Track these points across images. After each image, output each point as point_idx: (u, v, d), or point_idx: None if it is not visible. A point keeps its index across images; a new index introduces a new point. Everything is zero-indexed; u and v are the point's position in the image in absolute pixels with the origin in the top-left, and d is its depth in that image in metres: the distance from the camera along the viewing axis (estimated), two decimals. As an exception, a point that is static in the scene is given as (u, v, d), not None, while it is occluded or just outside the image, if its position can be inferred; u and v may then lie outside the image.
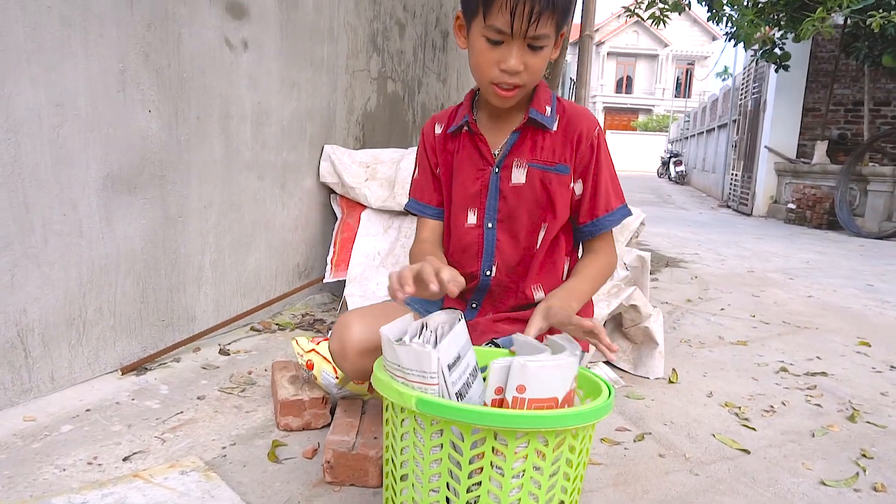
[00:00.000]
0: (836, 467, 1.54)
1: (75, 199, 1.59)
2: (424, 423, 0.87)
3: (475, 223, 1.30)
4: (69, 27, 1.54)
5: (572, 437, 0.88)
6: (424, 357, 0.87)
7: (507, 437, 0.84)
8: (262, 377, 1.87)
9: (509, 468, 0.85)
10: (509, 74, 1.13)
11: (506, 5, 1.06)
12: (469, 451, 0.85)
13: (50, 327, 1.57)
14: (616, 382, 2.02)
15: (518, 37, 1.09)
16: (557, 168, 1.26)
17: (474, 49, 1.16)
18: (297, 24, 2.47)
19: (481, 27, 1.11)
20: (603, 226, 1.29)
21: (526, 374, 0.87)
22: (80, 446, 1.38)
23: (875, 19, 4.91)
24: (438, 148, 1.35)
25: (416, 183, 1.41)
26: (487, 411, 0.82)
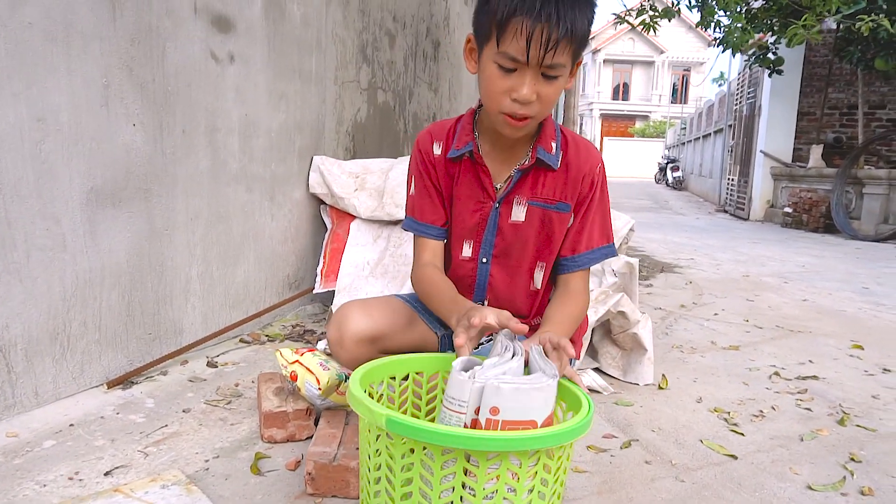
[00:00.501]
0: (824, 472, 1.53)
1: (58, 214, 1.60)
2: (396, 442, 0.87)
3: (470, 256, 1.28)
4: (51, 43, 1.55)
5: (547, 457, 0.87)
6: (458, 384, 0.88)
7: (479, 459, 0.83)
8: (249, 389, 1.87)
9: (480, 489, 0.84)
10: (521, 104, 1.08)
11: (521, 32, 1.01)
12: (440, 471, 0.84)
13: (33, 342, 1.57)
14: (605, 389, 2.01)
15: (533, 65, 1.04)
16: (558, 206, 1.24)
17: (485, 75, 1.10)
18: (285, 36, 2.49)
19: (494, 53, 1.06)
20: (581, 262, 1.27)
21: (500, 396, 0.86)
22: (62, 461, 1.38)
23: (864, 23, 4.94)
24: (440, 169, 1.29)
25: (413, 201, 1.33)
26: (456, 433, 0.81)
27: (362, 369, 1.00)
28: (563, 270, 1.28)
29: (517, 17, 1.01)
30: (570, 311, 1.24)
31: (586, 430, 0.88)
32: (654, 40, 33.43)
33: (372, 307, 1.29)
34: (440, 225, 1.31)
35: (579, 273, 1.28)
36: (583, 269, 1.28)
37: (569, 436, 0.84)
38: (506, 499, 0.85)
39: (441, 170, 1.29)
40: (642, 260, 5.08)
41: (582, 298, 1.27)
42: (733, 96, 11.88)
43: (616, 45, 35.05)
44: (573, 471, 1.47)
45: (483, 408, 0.87)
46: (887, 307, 3.63)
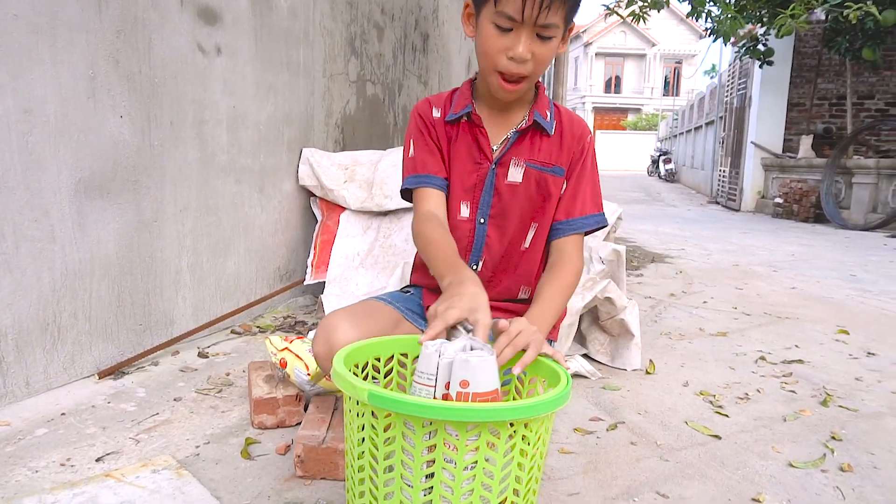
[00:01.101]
0: (805, 450, 1.56)
1: (46, 205, 1.61)
2: (379, 417, 0.88)
3: (467, 217, 1.30)
4: (37, 34, 1.55)
5: (525, 429, 0.88)
6: (426, 358, 0.91)
7: (459, 430, 0.85)
8: (240, 378, 1.88)
9: (461, 460, 0.85)
10: (517, 63, 1.13)
11: None
12: (421, 444, 0.86)
13: (24, 333, 1.58)
14: (593, 375, 2.04)
15: (528, 24, 1.09)
16: (553, 170, 1.28)
17: (482, 35, 1.15)
18: (272, 28, 2.49)
19: (491, 13, 1.11)
20: (576, 226, 1.29)
21: (468, 369, 0.89)
22: (54, 449, 1.39)
23: (852, 11, 4.97)
24: (439, 130, 1.30)
25: (412, 161, 1.32)
26: (438, 405, 0.83)
27: (346, 349, 1.01)
28: (559, 234, 1.30)
29: None
30: (564, 282, 1.24)
31: (565, 402, 0.89)
32: (645, 33, 33.48)
33: (358, 316, 1.25)
34: (443, 176, 1.31)
35: (573, 237, 1.30)
36: (577, 234, 1.30)
37: (547, 406, 0.86)
38: (485, 469, 0.87)
39: (440, 131, 1.31)
40: (634, 251, 5.11)
41: (575, 264, 1.28)
42: (724, 88, 11.93)
43: (608, 39, 35.05)
44: (559, 452, 1.49)
45: (453, 382, 0.89)
46: (873, 293, 3.67)
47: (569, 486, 1.34)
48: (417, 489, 0.88)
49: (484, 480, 0.88)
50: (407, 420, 0.86)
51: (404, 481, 0.89)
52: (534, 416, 0.85)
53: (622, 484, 1.36)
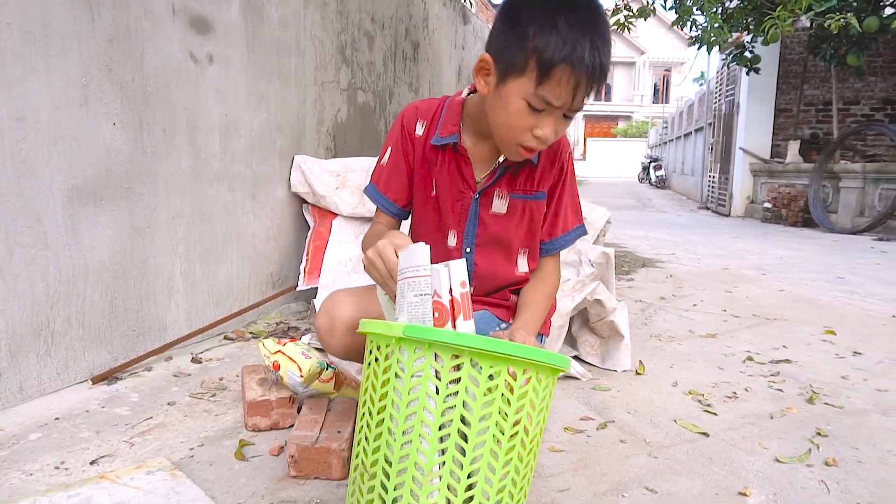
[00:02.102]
0: (791, 445, 1.59)
1: (39, 212, 1.62)
2: (408, 352, 0.92)
3: (455, 246, 1.32)
4: (29, 43, 1.57)
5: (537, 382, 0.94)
6: (416, 253, 0.97)
7: (483, 364, 0.89)
8: (233, 383, 1.89)
9: (480, 395, 0.90)
10: (540, 141, 1.09)
11: (567, 81, 1.00)
12: (447, 376, 0.90)
13: (17, 339, 1.59)
14: (583, 376, 2.06)
15: (563, 108, 1.06)
16: (536, 195, 1.29)
17: (509, 109, 1.08)
18: (264, 37, 2.52)
19: (528, 92, 1.04)
20: (558, 245, 1.34)
21: (462, 269, 0.98)
22: (48, 452, 1.40)
23: (834, 21, 5.05)
24: (418, 150, 1.30)
25: (381, 170, 1.33)
26: (474, 337, 0.88)
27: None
28: (541, 254, 1.35)
29: (565, 66, 0.99)
30: (545, 292, 1.32)
31: (567, 366, 0.98)
32: (634, 41, 33.77)
33: (360, 294, 1.31)
34: (401, 205, 1.33)
35: (554, 256, 1.36)
36: (557, 252, 1.36)
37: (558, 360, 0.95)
38: (501, 409, 0.91)
39: (419, 151, 1.30)
40: (624, 256, 5.15)
41: (554, 278, 1.35)
42: (713, 95, 12.05)
43: (597, 47, 35.28)
44: (550, 450, 1.51)
45: (455, 285, 0.97)
46: (860, 295, 3.72)
47: (559, 483, 1.36)
48: (437, 421, 0.91)
49: (499, 421, 0.92)
50: (436, 354, 0.90)
51: (426, 413, 0.91)
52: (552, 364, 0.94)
53: (611, 480, 1.38)
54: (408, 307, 0.98)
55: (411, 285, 0.97)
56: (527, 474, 0.99)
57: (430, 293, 0.97)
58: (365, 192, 1.38)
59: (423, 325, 0.96)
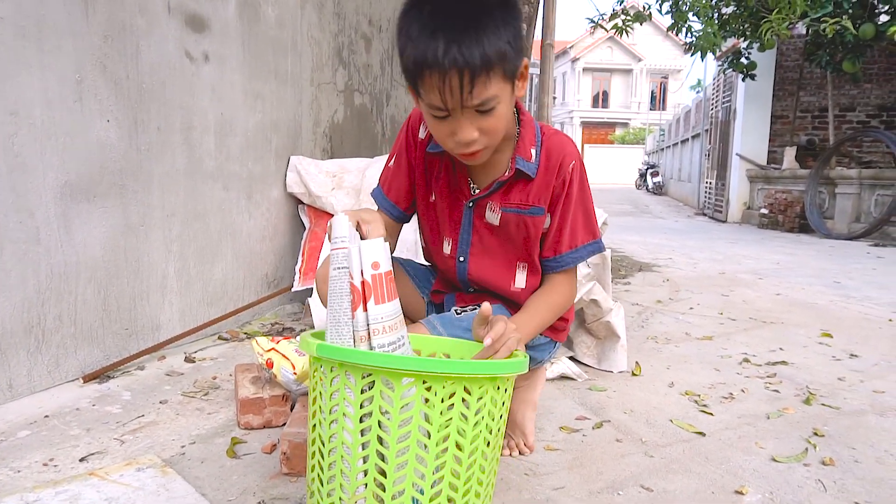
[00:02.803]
0: (788, 445, 1.58)
1: (32, 207, 1.61)
2: (325, 369, 0.91)
3: (449, 254, 1.31)
4: (23, 38, 1.56)
5: (466, 393, 0.89)
6: (338, 223, 0.94)
7: (394, 382, 0.86)
8: (226, 382, 1.88)
9: (396, 413, 0.87)
10: (465, 145, 1.06)
11: (433, 84, 0.98)
12: (360, 396, 0.88)
13: (7, 335, 1.57)
14: (579, 376, 2.05)
15: (461, 108, 1.01)
16: (532, 210, 1.23)
17: (427, 121, 1.09)
18: (260, 37, 2.52)
19: (422, 104, 1.04)
20: (565, 262, 1.26)
21: (376, 249, 0.93)
22: (37, 450, 1.38)
23: (829, 25, 5.07)
24: (419, 154, 1.29)
25: (387, 172, 1.33)
26: (378, 356, 0.85)
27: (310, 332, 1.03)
28: (547, 271, 1.29)
29: (426, 70, 0.97)
30: (550, 300, 1.25)
31: (507, 371, 0.92)
32: (631, 48, 33.93)
33: None
34: (402, 208, 1.32)
35: (563, 272, 1.28)
36: (567, 269, 1.28)
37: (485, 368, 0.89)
38: (421, 427, 0.87)
39: (420, 155, 1.30)
40: (621, 260, 5.15)
41: (563, 290, 1.27)
42: (709, 101, 12.09)
43: (594, 54, 35.46)
44: (545, 448, 1.50)
45: (365, 266, 0.92)
46: (857, 299, 3.71)
47: (554, 481, 1.34)
48: (356, 442, 0.89)
49: (419, 438, 0.88)
50: (348, 372, 0.88)
51: (345, 434, 0.90)
52: (474, 375, 0.88)
53: (607, 478, 1.37)
54: (331, 281, 0.94)
55: (334, 257, 0.94)
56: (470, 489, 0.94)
57: (347, 267, 0.93)
58: (371, 194, 1.37)
59: (342, 299, 0.93)
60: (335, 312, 0.94)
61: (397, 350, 0.96)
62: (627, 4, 5.18)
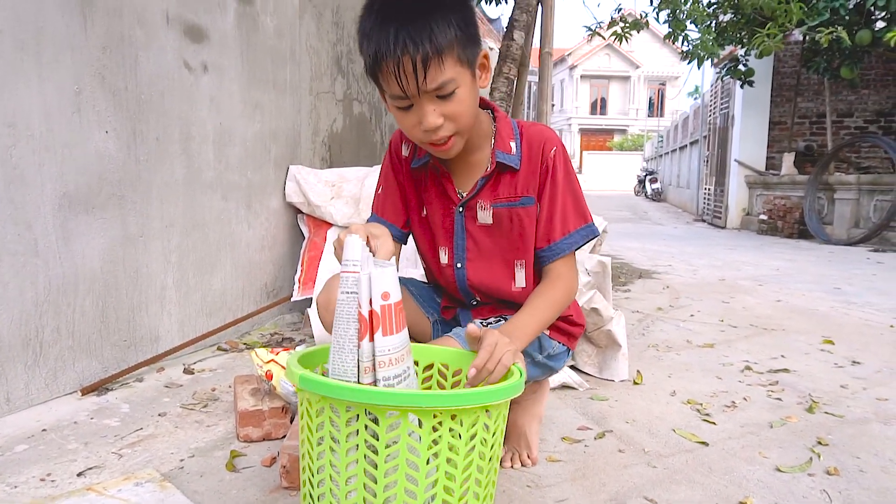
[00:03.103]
0: (792, 455, 1.57)
1: (30, 219, 1.60)
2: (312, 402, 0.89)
3: (447, 262, 1.30)
4: (22, 50, 1.56)
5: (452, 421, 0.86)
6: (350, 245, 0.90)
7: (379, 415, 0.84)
8: (225, 394, 1.87)
9: (382, 448, 0.85)
10: (433, 132, 1.08)
11: (388, 73, 1.01)
12: (345, 428, 0.86)
13: (4, 348, 1.56)
14: (581, 385, 2.04)
15: (421, 94, 1.03)
16: (522, 201, 1.23)
17: (395, 117, 1.12)
18: (258, 47, 2.52)
19: (388, 97, 1.08)
20: (560, 250, 1.24)
21: (386, 279, 0.89)
22: (34, 464, 1.37)
23: (824, 35, 5.09)
24: (405, 171, 1.31)
25: (378, 198, 1.35)
26: (362, 390, 0.83)
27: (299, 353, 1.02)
28: (545, 262, 1.26)
29: (382, 61, 1.01)
30: (550, 296, 1.22)
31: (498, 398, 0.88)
32: (629, 56, 34.06)
33: None
34: (399, 226, 1.33)
35: (560, 260, 1.25)
36: (564, 256, 1.25)
37: (474, 398, 0.85)
38: (408, 460, 0.85)
39: (407, 172, 1.32)
40: (621, 267, 5.14)
41: (564, 282, 1.24)
42: (707, 108, 12.12)
43: (592, 61, 35.60)
44: (547, 460, 1.49)
45: (375, 295, 0.89)
46: (857, 305, 3.71)
47: (557, 493, 1.33)
48: (343, 476, 0.87)
49: (408, 472, 0.86)
50: (332, 405, 0.86)
51: (333, 468, 0.88)
52: (460, 407, 0.84)
53: (610, 490, 1.35)
54: (338, 304, 0.91)
55: (344, 281, 0.91)
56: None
57: (356, 293, 0.90)
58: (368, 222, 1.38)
59: (348, 325, 0.90)
60: (340, 338, 0.91)
61: (402, 382, 0.93)
62: (625, 12, 5.20)
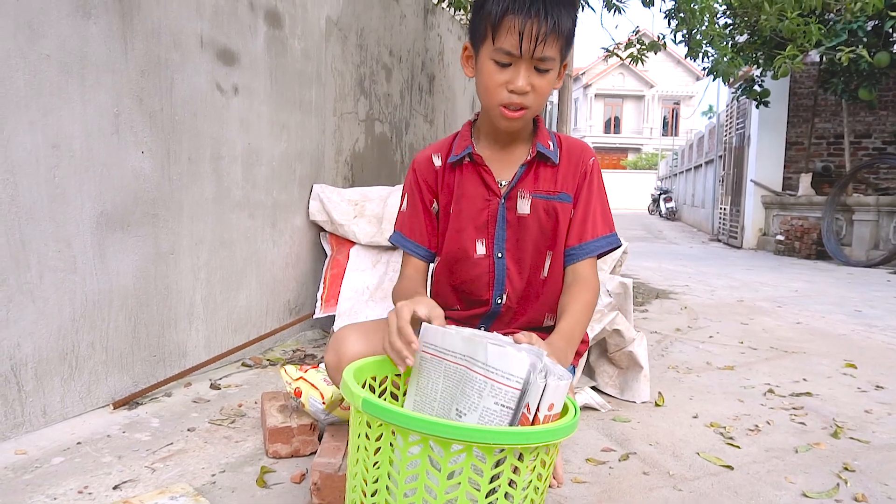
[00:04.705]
0: (818, 480, 1.56)
1: (70, 237, 1.65)
2: (372, 425, 0.90)
3: (485, 253, 1.32)
4: (67, 74, 1.62)
5: (518, 460, 0.87)
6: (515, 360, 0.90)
7: (444, 448, 0.84)
8: (252, 409, 1.89)
9: (443, 480, 0.85)
10: (518, 95, 1.17)
11: (514, 27, 1.12)
12: (406, 458, 0.86)
13: (43, 362, 1.61)
14: (602, 407, 2.04)
15: (526, 58, 1.14)
16: (560, 196, 1.30)
17: (483, 73, 1.20)
18: (286, 69, 2.58)
19: (490, 50, 1.16)
20: (588, 250, 1.30)
21: (558, 392, 0.89)
22: (71, 477, 1.40)
23: (844, 54, 5.11)
24: (438, 181, 1.35)
25: (403, 217, 1.39)
26: (426, 419, 0.83)
27: (359, 363, 1.04)
28: (573, 260, 1.31)
29: (510, 16, 1.12)
30: (585, 300, 1.27)
31: (564, 435, 0.88)
32: (643, 75, 34.12)
33: (368, 330, 1.29)
34: (427, 246, 1.37)
35: (588, 261, 1.31)
36: (591, 257, 1.31)
37: (544, 436, 0.85)
38: (467, 493, 0.85)
39: (440, 180, 1.35)
40: (638, 287, 5.13)
41: (593, 284, 1.30)
42: (723, 128, 12.11)
43: (607, 80, 35.72)
44: (573, 481, 1.50)
45: (543, 405, 0.89)
46: (879, 328, 3.68)
47: (584, 515, 1.34)
48: (400, 491, 0.88)
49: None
50: (395, 431, 0.86)
51: (389, 494, 0.89)
52: (527, 445, 0.84)
53: (637, 513, 1.36)
54: (483, 412, 0.91)
55: (494, 390, 0.91)
56: None
57: (513, 407, 0.90)
58: (390, 240, 1.41)
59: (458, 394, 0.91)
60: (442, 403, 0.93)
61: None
62: (641, 33, 5.25)
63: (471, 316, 1.36)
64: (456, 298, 1.38)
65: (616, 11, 4.45)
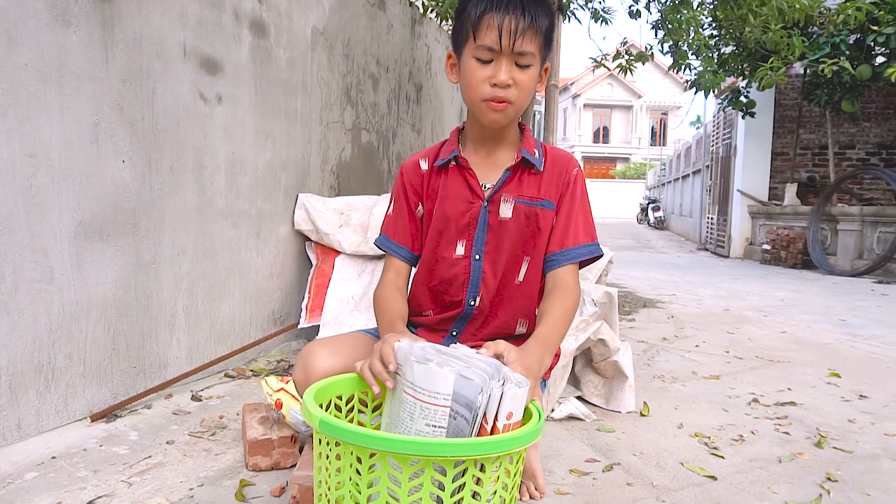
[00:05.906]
0: (801, 490, 1.56)
1: (46, 247, 1.63)
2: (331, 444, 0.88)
3: (463, 254, 1.33)
4: (45, 83, 1.60)
5: (479, 471, 0.86)
6: (440, 378, 0.88)
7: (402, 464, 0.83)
8: (233, 421, 1.87)
9: (404, 496, 0.84)
10: (501, 88, 1.20)
11: (493, 23, 1.17)
12: (367, 474, 0.85)
13: (17, 374, 1.58)
14: (588, 417, 2.04)
15: (506, 52, 1.18)
16: (542, 203, 1.31)
17: (466, 71, 1.23)
18: (271, 78, 2.57)
19: (472, 49, 1.20)
20: (570, 256, 1.31)
21: (515, 401, 0.88)
22: (44, 492, 1.37)
23: (827, 66, 5.17)
24: (423, 185, 1.37)
25: (389, 220, 1.41)
26: (382, 436, 0.82)
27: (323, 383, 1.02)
28: (554, 265, 1.31)
29: (489, 14, 1.18)
30: (565, 307, 1.27)
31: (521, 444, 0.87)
32: (631, 85, 34.43)
33: (336, 345, 1.29)
34: (408, 247, 1.38)
35: (569, 267, 1.31)
36: (572, 264, 1.32)
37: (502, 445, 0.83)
38: None
39: (426, 183, 1.36)
40: (625, 296, 5.14)
41: (574, 291, 1.30)
42: (710, 138, 12.22)
43: (595, 90, 35.99)
44: (556, 492, 1.49)
45: (501, 414, 0.88)
46: (863, 338, 3.70)
47: (566, 528, 1.33)
48: None
49: None
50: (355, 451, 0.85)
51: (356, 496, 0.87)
52: (487, 455, 0.83)
53: (619, 525, 1.35)
54: (416, 434, 0.90)
55: (424, 411, 0.89)
56: None
57: (445, 427, 0.88)
58: (375, 243, 1.42)
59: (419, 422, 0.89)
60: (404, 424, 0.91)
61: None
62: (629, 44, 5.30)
63: (443, 319, 1.36)
64: (431, 301, 1.38)
65: (603, 22, 4.49)
